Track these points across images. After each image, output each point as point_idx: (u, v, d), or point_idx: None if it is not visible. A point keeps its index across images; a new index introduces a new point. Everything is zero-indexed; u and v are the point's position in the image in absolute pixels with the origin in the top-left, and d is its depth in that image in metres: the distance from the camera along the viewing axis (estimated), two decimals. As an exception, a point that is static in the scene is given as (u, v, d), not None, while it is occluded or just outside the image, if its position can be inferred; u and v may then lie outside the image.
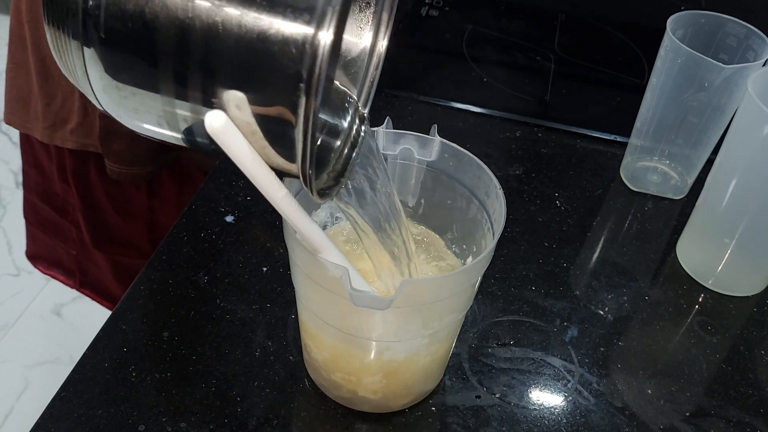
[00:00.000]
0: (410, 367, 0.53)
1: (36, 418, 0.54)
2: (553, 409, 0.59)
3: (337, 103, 0.46)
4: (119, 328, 0.61)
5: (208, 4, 0.32)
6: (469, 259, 0.57)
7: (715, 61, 0.68)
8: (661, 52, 0.73)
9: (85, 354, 0.59)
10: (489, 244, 0.50)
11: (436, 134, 0.54)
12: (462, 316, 0.53)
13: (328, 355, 0.53)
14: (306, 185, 0.37)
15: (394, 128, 0.55)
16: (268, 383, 0.58)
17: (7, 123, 0.96)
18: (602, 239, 0.77)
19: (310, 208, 0.56)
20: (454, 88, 0.96)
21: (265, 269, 0.67)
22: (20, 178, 2.19)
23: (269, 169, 0.37)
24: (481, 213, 0.54)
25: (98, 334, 0.60)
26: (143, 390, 0.57)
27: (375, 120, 0.88)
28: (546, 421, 0.58)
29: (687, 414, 0.60)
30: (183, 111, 0.35)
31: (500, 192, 0.50)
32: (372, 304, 0.44)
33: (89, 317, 1.80)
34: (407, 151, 0.55)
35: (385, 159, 0.56)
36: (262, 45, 0.32)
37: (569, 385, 0.61)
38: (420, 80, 0.96)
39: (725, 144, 0.67)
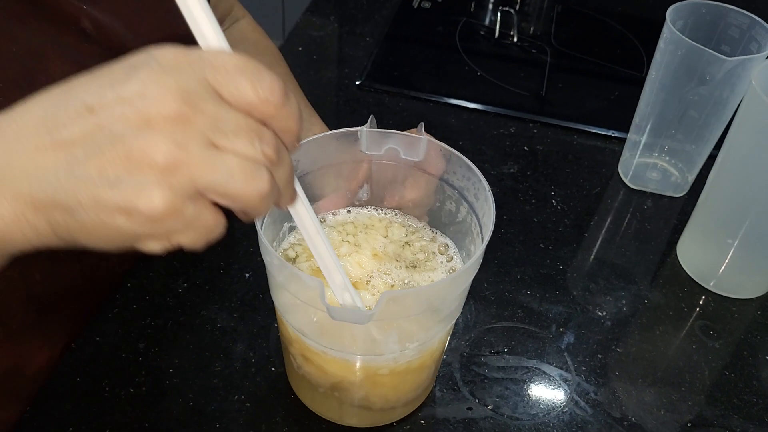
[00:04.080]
0: (397, 380, 0.50)
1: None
2: (548, 421, 0.57)
3: None
4: (92, 340, 0.58)
5: None
6: (459, 265, 0.54)
7: (716, 53, 0.65)
8: (661, 44, 0.70)
9: (54, 367, 0.56)
10: (478, 249, 0.47)
11: (423, 132, 0.51)
12: (450, 326, 0.51)
13: (310, 369, 0.50)
14: None
15: (379, 127, 0.52)
16: (248, 397, 0.55)
17: None
18: (600, 240, 0.74)
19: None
20: (446, 83, 0.93)
21: (247, 275, 0.64)
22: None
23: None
24: (470, 216, 0.51)
25: (70, 345, 0.57)
26: (117, 406, 0.54)
27: (361, 118, 0.85)
28: (541, 434, 0.56)
29: (689, 424, 0.58)
30: None
31: (489, 194, 0.47)
32: (351, 318, 0.41)
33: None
34: (393, 152, 0.52)
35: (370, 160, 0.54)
36: None
37: (566, 395, 0.59)
38: (411, 75, 0.93)
39: (728, 140, 0.64)
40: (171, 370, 0.56)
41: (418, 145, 0.52)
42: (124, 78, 0.30)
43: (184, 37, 0.60)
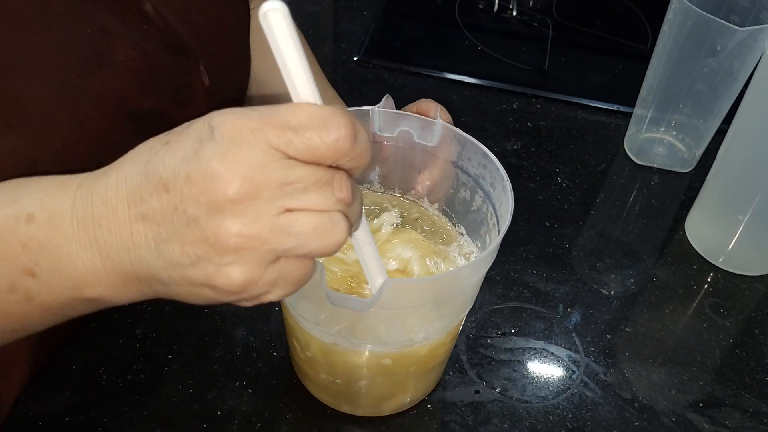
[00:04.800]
0: (401, 372, 0.48)
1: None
2: (558, 404, 0.55)
3: None
4: (88, 326, 0.56)
5: None
6: (473, 257, 0.52)
7: (727, 23, 0.63)
8: (669, 15, 0.68)
9: (49, 355, 0.54)
10: (494, 241, 0.45)
11: (438, 116, 0.49)
12: (461, 319, 0.48)
13: (312, 355, 0.48)
14: None
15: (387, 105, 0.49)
16: (250, 383, 0.54)
17: None
18: (606, 217, 0.72)
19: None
20: (446, 57, 0.90)
21: (246, 257, 0.62)
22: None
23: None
24: (486, 205, 0.49)
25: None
26: (114, 394, 0.52)
27: (360, 95, 0.83)
28: (550, 417, 0.54)
29: (700, 404, 0.56)
30: None
31: (507, 185, 0.45)
32: (351, 305, 0.39)
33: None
34: (406, 134, 0.50)
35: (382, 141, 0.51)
36: None
37: (574, 377, 0.57)
38: (410, 50, 0.91)
39: (740, 113, 0.62)
40: (170, 357, 0.55)
41: (432, 129, 0.49)
42: (192, 154, 0.31)
43: (228, 29, 0.57)
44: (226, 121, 0.31)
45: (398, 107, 0.51)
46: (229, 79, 0.60)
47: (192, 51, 0.53)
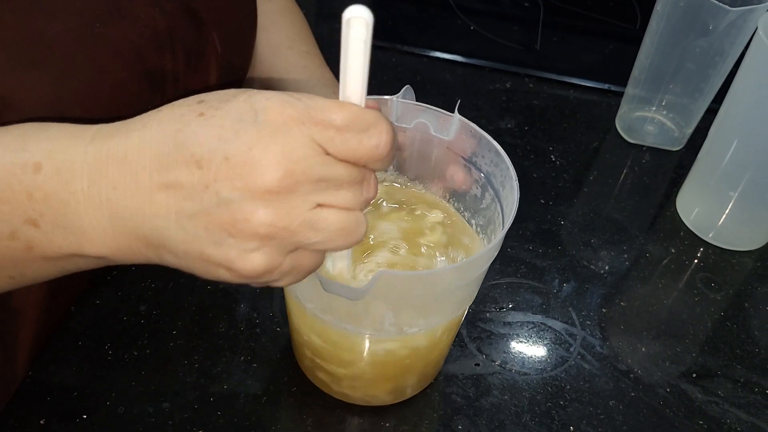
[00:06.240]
0: (395, 364, 0.48)
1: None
2: (556, 375, 0.57)
3: None
4: (92, 303, 0.56)
5: None
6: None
7: (720, 3, 0.64)
8: (662, -6, 0.69)
9: (56, 331, 0.54)
10: (493, 240, 0.44)
11: (457, 111, 0.48)
12: (460, 314, 0.48)
13: (306, 338, 0.49)
14: None
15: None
16: (255, 358, 0.54)
17: None
18: (599, 194, 0.73)
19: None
20: (439, 37, 0.91)
21: (247, 235, 0.63)
22: None
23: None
24: (495, 204, 0.49)
25: (70, 309, 0.56)
26: (121, 369, 0.53)
27: (391, 85, 0.83)
28: (549, 388, 0.56)
29: (693, 375, 0.58)
30: None
31: (515, 185, 0.44)
32: (343, 293, 0.39)
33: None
34: (423, 126, 0.49)
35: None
36: None
37: (572, 349, 0.59)
38: (403, 30, 0.91)
39: (731, 91, 0.63)
40: (174, 332, 0.55)
41: (449, 124, 0.49)
42: (232, 134, 0.31)
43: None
44: (271, 107, 0.31)
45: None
46: (239, 48, 0.60)
47: (205, 18, 0.53)
